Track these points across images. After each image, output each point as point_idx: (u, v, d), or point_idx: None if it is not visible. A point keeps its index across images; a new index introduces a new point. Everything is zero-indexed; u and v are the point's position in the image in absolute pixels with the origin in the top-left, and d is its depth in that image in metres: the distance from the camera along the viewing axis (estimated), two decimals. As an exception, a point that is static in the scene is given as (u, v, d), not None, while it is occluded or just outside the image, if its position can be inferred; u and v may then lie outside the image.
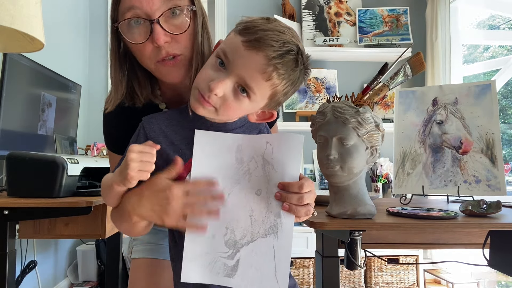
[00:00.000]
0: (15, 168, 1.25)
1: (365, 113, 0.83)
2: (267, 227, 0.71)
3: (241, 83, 0.68)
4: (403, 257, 2.68)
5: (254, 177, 0.71)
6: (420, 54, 1.19)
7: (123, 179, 0.67)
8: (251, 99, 0.69)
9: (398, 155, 1.26)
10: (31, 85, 1.80)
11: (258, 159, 0.72)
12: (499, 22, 3.48)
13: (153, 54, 0.79)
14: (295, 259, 2.63)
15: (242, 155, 0.72)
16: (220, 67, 0.69)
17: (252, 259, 0.70)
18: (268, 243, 0.70)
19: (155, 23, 0.76)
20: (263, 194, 0.71)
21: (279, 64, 0.66)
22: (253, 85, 0.68)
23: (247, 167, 0.72)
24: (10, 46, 1.07)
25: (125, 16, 0.78)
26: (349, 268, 0.91)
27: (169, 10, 0.77)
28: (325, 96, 3.02)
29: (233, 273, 0.70)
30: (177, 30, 0.78)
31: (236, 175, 0.71)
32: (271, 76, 0.67)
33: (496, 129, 1.15)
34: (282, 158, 0.71)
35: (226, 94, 0.68)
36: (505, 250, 0.95)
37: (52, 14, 2.32)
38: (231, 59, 0.68)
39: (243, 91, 0.68)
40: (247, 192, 0.71)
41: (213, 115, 0.71)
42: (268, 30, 0.67)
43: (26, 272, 1.93)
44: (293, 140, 0.71)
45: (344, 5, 3.11)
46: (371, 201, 0.87)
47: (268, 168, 0.71)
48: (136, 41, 0.78)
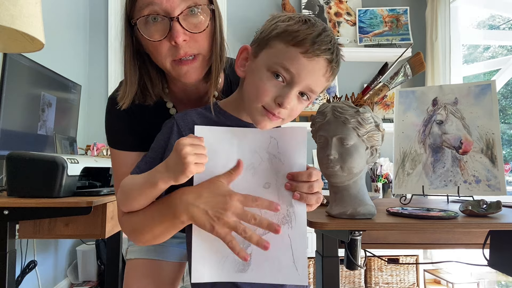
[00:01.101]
0: (15, 168, 1.25)
1: (365, 113, 0.83)
2: (280, 218, 0.71)
3: (305, 90, 0.72)
4: (403, 257, 2.68)
5: (260, 171, 0.72)
6: (420, 54, 1.19)
7: (179, 174, 0.66)
8: (311, 99, 0.75)
9: (398, 155, 1.26)
10: (31, 85, 1.80)
11: (262, 153, 0.73)
12: (499, 22, 3.48)
13: (170, 53, 0.77)
14: (295, 259, 2.63)
15: (243, 149, 0.73)
16: (278, 80, 0.71)
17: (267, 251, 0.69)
18: (283, 233, 0.70)
19: (174, 21, 0.74)
20: (272, 187, 0.72)
21: (335, 63, 0.74)
22: (317, 89, 0.73)
23: (250, 161, 0.72)
24: (10, 46, 1.07)
25: (142, 12, 0.76)
26: (349, 268, 0.91)
27: (188, 8, 0.75)
28: (325, 96, 3.02)
29: (246, 268, 0.70)
30: (196, 29, 0.76)
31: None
32: (331, 75, 0.74)
33: (496, 129, 1.15)
34: (288, 151, 0.73)
35: (293, 105, 0.72)
36: (505, 250, 0.95)
37: (52, 14, 2.32)
38: (295, 72, 0.70)
39: (303, 95, 0.73)
40: (254, 186, 0.72)
41: (278, 124, 0.75)
42: (318, 35, 0.70)
43: (26, 272, 1.93)
44: (297, 133, 0.73)
45: (344, 5, 3.11)
46: (371, 201, 0.87)
47: (275, 162, 0.73)
48: (153, 38, 0.76)
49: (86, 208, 1.21)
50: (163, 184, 0.68)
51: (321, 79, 0.73)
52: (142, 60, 0.84)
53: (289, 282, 0.71)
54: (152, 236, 0.76)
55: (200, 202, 0.68)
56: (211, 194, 0.69)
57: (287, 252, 0.70)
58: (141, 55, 0.84)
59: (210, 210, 0.67)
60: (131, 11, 0.79)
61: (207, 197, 0.68)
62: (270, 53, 0.72)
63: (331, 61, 0.72)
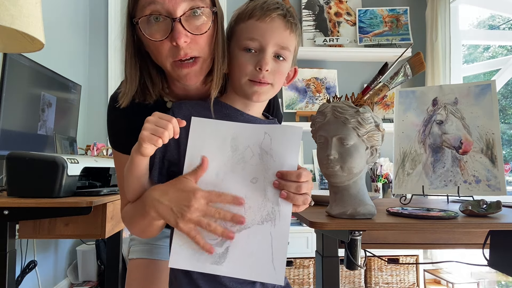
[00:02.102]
0: (15, 168, 1.25)
1: (365, 113, 0.83)
2: (264, 215, 0.71)
3: (277, 50, 0.78)
4: (403, 257, 2.68)
5: (250, 166, 0.73)
6: (420, 54, 1.19)
7: (138, 146, 0.69)
8: (287, 59, 0.80)
9: (398, 155, 1.26)
10: (31, 85, 1.80)
11: (254, 148, 0.73)
12: (499, 22, 3.48)
13: (171, 53, 0.77)
14: (295, 259, 2.63)
15: (237, 143, 0.73)
16: (251, 53, 0.78)
17: (246, 246, 0.70)
18: (264, 230, 0.70)
19: (176, 22, 0.74)
20: (260, 183, 0.72)
21: (290, 17, 0.80)
22: (287, 44, 0.79)
23: (242, 156, 0.73)
24: (10, 46, 1.07)
25: (145, 11, 0.75)
26: (349, 268, 0.91)
27: (191, 10, 0.75)
28: (325, 96, 3.02)
29: (221, 261, 0.70)
30: (198, 31, 0.76)
31: (229, 162, 0.73)
32: (292, 28, 0.80)
33: (496, 129, 1.15)
34: (281, 149, 0.73)
35: (272, 67, 0.78)
36: (505, 250, 0.95)
37: (52, 14, 2.32)
38: (260, 37, 0.78)
39: (278, 57, 0.79)
40: (241, 180, 0.72)
41: (271, 92, 0.80)
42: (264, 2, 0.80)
43: (26, 272, 1.92)
44: (292, 132, 0.73)
45: (344, 5, 3.11)
46: (371, 201, 0.87)
47: (267, 158, 0.73)
48: (155, 38, 0.76)
49: (86, 208, 1.21)
50: (137, 158, 0.72)
51: (285, 34, 0.79)
52: (142, 59, 0.84)
53: (265, 280, 0.72)
54: (140, 230, 0.80)
55: (165, 199, 0.71)
56: (176, 191, 0.71)
57: (267, 250, 0.70)
58: (142, 54, 0.83)
59: (174, 207, 0.70)
60: (133, 10, 0.78)
61: (172, 194, 0.71)
62: (236, 37, 0.81)
63: (284, 15, 0.79)
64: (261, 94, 0.79)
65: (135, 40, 0.82)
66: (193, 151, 0.74)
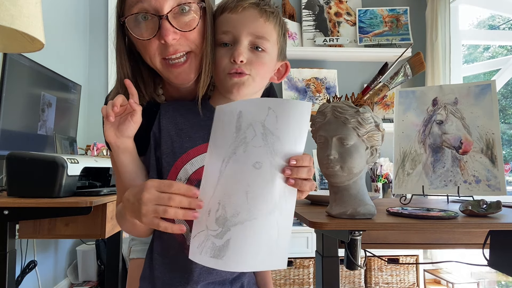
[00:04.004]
0: (15, 168, 1.25)
1: (365, 113, 0.83)
2: (271, 205, 0.63)
3: (254, 41, 0.76)
4: (403, 257, 2.68)
5: (251, 148, 0.63)
6: (420, 54, 1.19)
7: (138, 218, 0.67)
8: (268, 51, 0.78)
9: (398, 155, 1.26)
10: (31, 85, 1.80)
11: (257, 126, 0.63)
12: (499, 22, 3.48)
13: (159, 51, 0.76)
14: (295, 259, 2.63)
15: (241, 121, 0.64)
16: (227, 47, 0.77)
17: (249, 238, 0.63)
18: (271, 221, 0.63)
19: (163, 19, 0.73)
20: (265, 168, 0.63)
21: (265, 6, 0.78)
22: (262, 33, 0.76)
23: (244, 136, 0.63)
24: (10, 46, 1.07)
25: (132, 10, 0.75)
26: (349, 268, 0.91)
27: (178, 6, 0.74)
28: (325, 96, 3.02)
29: (221, 254, 0.64)
30: (186, 27, 0.76)
31: (233, 144, 0.64)
32: (267, 16, 0.77)
33: (496, 129, 1.15)
34: (288, 129, 0.62)
35: (248, 58, 0.76)
36: (505, 250, 0.95)
37: (52, 14, 2.32)
38: (232, 29, 0.76)
39: (257, 48, 0.77)
40: (242, 164, 0.63)
41: (252, 84, 0.77)
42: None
43: (26, 272, 1.93)
44: (301, 108, 0.62)
45: (344, 5, 3.11)
46: (371, 201, 0.87)
47: (272, 139, 0.63)
48: (143, 37, 0.75)
49: (86, 208, 1.21)
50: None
51: (259, 23, 0.76)
52: (135, 60, 0.83)
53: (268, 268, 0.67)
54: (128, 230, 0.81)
55: (129, 196, 0.69)
56: (135, 188, 0.68)
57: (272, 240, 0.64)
58: (134, 55, 0.83)
59: (133, 204, 0.67)
60: (122, 10, 0.78)
61: (131, 191, 0.69)
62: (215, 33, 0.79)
63: (257, 4, 0.77)
64: (240, 86, 0.76)
65: (126, 41, 0.81)
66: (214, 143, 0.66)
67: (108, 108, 0.70)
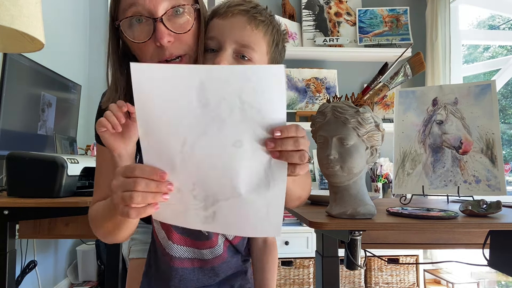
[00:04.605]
0: (15, 168, 1.25)
1: (365, 113, 0.83)
2: (255, 182, 0.58)
3: (238, 49, 0.73)
4: (403, 257, 2.68)
5: (229, 125, 0.56)
6: (420, 54, 1.19)
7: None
8: (254, 61, 0.74)
9: (398, 155, 1.26)
10: (31, 85, 1.80)
11: (232, 100, 0.55)
12: (499, 22, 3.48)
13: (155, 54, 0.76)
14: (295, 259, 2.63)
15: (207, 95, 0.55)
16: (213, 52, 0.75)
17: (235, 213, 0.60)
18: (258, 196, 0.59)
19: (158, 22, 0.73)
20: (246, 145, 0.57)
21: (256, 13, 0.73)
22: (248, 41, 0.72)
23: (216, 112, 0.56)
24: (10, 46, 1.07)
25: (126, 13, 0.75)
26: (349, 268, 0.91)
27: (172, 8, 0.74)
28: (325, 96, 3.02)
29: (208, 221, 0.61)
30: (181, 30, 0.75)
31: (200, 122, 0.56)
32: (257, 24, 0.73)
33: (496, 129, 1.15)
34: (268, 98, 0.56)
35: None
36: (505, 250, 0.95)
37: (52, 14, 2.32)
38: (217, 35, 0.73)
39: (243, 57, 0.73)
40: (219, 144, 0.56)
41: None
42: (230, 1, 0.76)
43: (26, 272, 1.92)
44: (276, 72, 0.55)
45: (344, 5, 3.11)
46: (371, 201, 0.87)
47: (252, 113, 0.56)
48: (138, 39, 0.75)
49: (86, 208, 1.20)
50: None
51: (246, 31, 0.72)
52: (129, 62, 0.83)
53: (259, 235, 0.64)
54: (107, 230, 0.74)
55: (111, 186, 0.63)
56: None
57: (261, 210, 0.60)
58: (130, 58, 0.82)
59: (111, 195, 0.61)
60: (115, 13, 0.78)
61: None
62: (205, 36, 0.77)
63: (247, 11, 0.73)
64: None
65: (121, 44, 0.81)
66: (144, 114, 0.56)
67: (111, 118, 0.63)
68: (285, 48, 0.82)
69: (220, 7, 0.76)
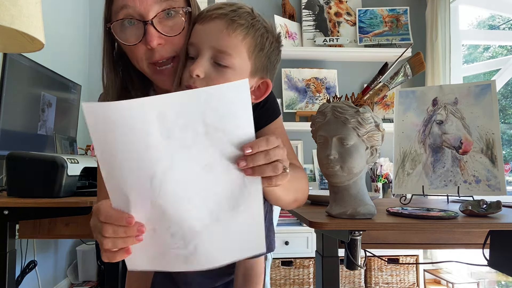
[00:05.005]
0: (15, 168, 1.25)
1: (365, 113, 0.83)
2: (232, 203, 0.57)
3: (215, 55, 0.69)
4: (403, 257, 2.68)
5: (197, 152, 0.54)
6: (420, 54, 1.19)
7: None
8: (233, 67, 0.70)
9: (398, 155, 1.26)
10: (31, 85, 1.80)
11: (195, 126, 0.53)
12: (499, 22, 3.48)
13: (146, 56, 0.77)
14: (295, 259, 2.63)
15: (168, 125, 0.52)
16: (192, 60, 0.72)
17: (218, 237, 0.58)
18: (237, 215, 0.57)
19: (148, 25, 0.74)
20: (218, 168, 0.55)
21: (235, 16, 0.69)
22: (224, 47, 0.69)
23: (180, 141, 0.53)
24: (10, 46, 1.07)
25: (118, 16, 0.75)
26: (349, 268, 0.91)
27: (163, 11, 0.75)
28: (325, 96, 3.02)
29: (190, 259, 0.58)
30: (172, 32, 0.76)
31: (166, 154, 0.53)
32: (234, 28, 0.69)
33: (496, 129, 1.15)
34: (233, 116, 0.54)
35: (208, 72, 0.69)
36: (505, 250, 0.95)
37: (52, 14, 2.32)
38: (195, 41, 0.71)
39: (220, 65, 0.70)
40: (189, 172, 0.54)
41: None
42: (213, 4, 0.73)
43: (26, 272, 1.92)
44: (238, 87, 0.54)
45: (344, 5, 3.11)
46: (371, 201, 0.87)
47: (218, 135, 0.54)
48: (129, 42, 0.76)
49: (86, 208, 1.21)
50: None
51: (222, 36, 0.69)
52: (124, 64, 0.84)
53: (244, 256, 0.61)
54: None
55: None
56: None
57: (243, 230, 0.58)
58: (124, 59, 0.83)
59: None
60: (109, 15, 0.78)
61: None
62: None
63: (226, 14, 0.69)
64: None
65: (115, 45, 0.82)
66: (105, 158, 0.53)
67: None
68: (279, 50, 0.77)
69: (203, 12, 0.74)
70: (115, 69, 0.83)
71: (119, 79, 0.83)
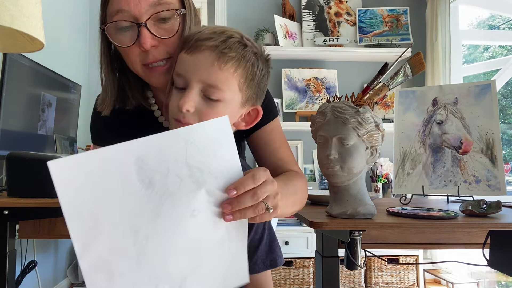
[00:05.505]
0: (15, 168, 1.25)
1: (365, 113, 0.83)
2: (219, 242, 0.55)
3: (205, 89, 0.67)
4: (403, 257, 2.68)
5: (182, 197, 0.50)
6: (420, 54, 1.19)
7: None
8: (224, 100, 0.68)
9: (398, 155, 1.26)
10: (31, 85, 1.80)
11: (178, 169, 0.49)
12: (499, 22, 3.48)
13: (140, 58, 0.78)
14: (295, 259, 2.63)
15: (148, 172, 0.48)
16: (181, 90, 0.70)
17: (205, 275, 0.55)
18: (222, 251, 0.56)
19: (142, 27, 0.74)
20: (204, 212, 0.52)
21: (225, 49, 0.67)
22: (214, 81, 0.67)
23: (163, 188, 0.49)
24: (10, 46, 1.07)
25: (112, 19, 0.76)
26: (349, 268, 0.91)
27: (157, 14, 0.75)
28: (325, 96, 3.02)
29: None
30: (166, 34, 0.77)
31: (149, 205, 0.48)
32: (225, 61, 0.66)
33: (496, 129, 1.15)
34: (214, 155, 0.51)
35: (198, 107, 0.68)
36: (505, 250, 0.95)
37: (52, 14, 2.32)
38: (183, 72, 0.68)
39: (210, 98, 0.68)
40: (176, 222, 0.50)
41: None
42: (202, 31, 0.69)
43: (26, 272, 1.92)
44: (218, 125, 0.52)
45: (344, 5, 3.11)
46: (371, 201, 0.87)
47: (203, 177, 0.51)
48: (123, 44, 0.77)
49: (86, 208, 1.21)
50: None
51: (212, 70, 0.66)
52: (121, 65, 0.85)
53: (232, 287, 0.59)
54: None
55: None
56: None
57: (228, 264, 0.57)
58: (121, 61, 0.84)
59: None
60: (104, 17, 0.79)
61: None
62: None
63: (216, 46, 0.66)
64: None
65: (112, 46, 0.83)
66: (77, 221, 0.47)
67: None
68: (269, 74, 0.76)
69: (190, 38, 0.70)
70: (113, 71, 0.84)
71: (116, 80, 0.84)
